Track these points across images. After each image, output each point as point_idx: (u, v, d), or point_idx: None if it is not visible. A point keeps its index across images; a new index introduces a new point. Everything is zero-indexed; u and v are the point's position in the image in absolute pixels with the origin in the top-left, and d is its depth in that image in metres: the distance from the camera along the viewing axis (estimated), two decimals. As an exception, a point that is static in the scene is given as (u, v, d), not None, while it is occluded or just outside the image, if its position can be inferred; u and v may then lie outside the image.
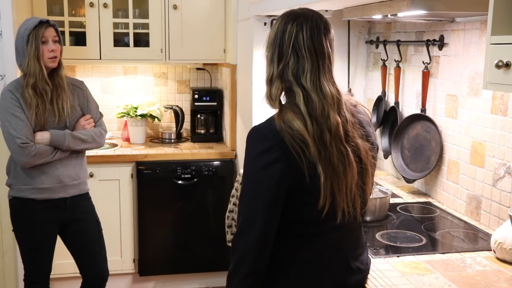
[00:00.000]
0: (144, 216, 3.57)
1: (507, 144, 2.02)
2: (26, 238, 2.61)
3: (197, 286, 3.79)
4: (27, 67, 2.44)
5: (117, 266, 3.51)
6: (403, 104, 2.77)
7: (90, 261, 2.72)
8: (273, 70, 1.47)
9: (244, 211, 1.44)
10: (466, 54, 2.26)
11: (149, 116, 3.82)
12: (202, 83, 4.17)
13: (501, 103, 2.05)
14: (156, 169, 3.53)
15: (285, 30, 1.45)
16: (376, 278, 1.64)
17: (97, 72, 3.99)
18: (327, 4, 2.24)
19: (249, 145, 1.45)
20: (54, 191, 2.55)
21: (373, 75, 3.14)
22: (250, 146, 1.45)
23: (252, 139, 1.45)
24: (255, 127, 1.46)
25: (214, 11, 3.72)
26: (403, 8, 1.84)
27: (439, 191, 2.47)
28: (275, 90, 1.46)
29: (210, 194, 3.66)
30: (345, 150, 1.43)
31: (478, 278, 1.66)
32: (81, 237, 2.69)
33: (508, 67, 1.28)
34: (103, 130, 2.70)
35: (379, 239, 1.99)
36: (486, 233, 2.05)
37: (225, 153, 3.66)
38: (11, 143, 2.44)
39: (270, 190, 1.40)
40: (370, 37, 3.16)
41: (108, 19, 3.60)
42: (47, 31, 2.46)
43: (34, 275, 2.65)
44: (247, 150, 1.45)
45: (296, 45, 1.43)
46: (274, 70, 1.46)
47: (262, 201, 1.41)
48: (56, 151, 2.51)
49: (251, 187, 1.44)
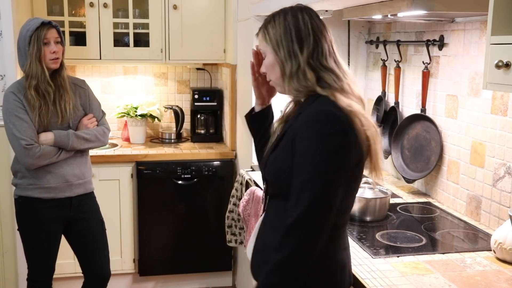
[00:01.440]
0: (144, 216, 3.57)
1: (507, 144, 2.02)
2: (31, 238, 2.61)
3: (197, 286, 3.79)
4: (29, 68, 2.44)
5: (117, 266, 3.51)
6: (403, 104, 2.77)
7: (93, 261, 2.72)
8: (298, 61, 1.46)
9: (317, 196, 1.36)
10: (466, 54, 2.26)
11: (149, 116, 3.82)
12: (202, 83, 4.17)
13: (501, 103, 2.05)
14: (156, 169, 3.54)
15: (298, 19, 1.48)
16: (376, 278, 1.64)
17: (97, 72, 3.99)
18: (327, 4, 2.24)
19: (321, 126, 1.38)
20: (60, 190, 2.56)
21: (373, 75, 3.14)
22: (322, 127, 1.38)
23: (329, 123, 1.38)
24: (327, 109, 1.40)
25: (214, 11, 3.72)
26: (403, 8, 1.84)
27: (439, 191, 2.47)
28: (311, 78, 1.45)
29: (210, 194, 3.66)
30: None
31: (478, 278, 1.66)
32: (85, 236, 2.69)
33: (508, 67, 1.28)
34: (106, 128, 2.70)
35: (379, 239, 1.99)
36: (486, 233, 2.04)
37: (225, 153, 3.66)
38: (15, 145, 2.45)
39: (343, 175, 1.39)
40: (370, 37, 3.16)
41: (108, 19, 3.60)
42: (49, 32, 2.46)
43: (37, 275, 2.66)
44: (315, 132, 1.38)
45: (315, 31, 1.48)
46: (300, 61, 1.46)
47: (336, 185, 1.38)
48: (61, 151, 2.52)
49: (329, 172, 1.37)
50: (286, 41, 1.48)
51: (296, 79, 1.48)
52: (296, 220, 1.36)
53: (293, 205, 1.38)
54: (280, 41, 1.49)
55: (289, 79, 1.49)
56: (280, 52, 1.49)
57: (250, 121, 1.78)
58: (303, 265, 1.38)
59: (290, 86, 1.50)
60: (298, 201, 1.37)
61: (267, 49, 1.53)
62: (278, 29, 1.49)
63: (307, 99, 1.50)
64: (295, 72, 1.47)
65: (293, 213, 1.37)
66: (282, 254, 1.38)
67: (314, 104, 1.45)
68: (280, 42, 1.49)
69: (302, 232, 1.37)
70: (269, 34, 1.51)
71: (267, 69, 1.56)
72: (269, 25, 1.52)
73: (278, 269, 1.39)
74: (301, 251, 1.38)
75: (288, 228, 1.37)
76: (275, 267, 1.40)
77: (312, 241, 1.38)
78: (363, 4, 2.15)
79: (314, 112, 1.41)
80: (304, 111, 1.46)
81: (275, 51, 1.50)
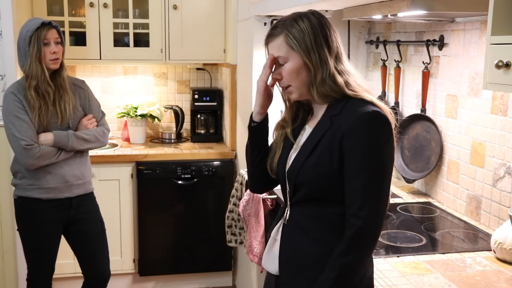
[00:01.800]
0: (144, 216, 3.57)
1: (507, 144, 2.02)
2: (31, 238, 2.61)
3: (197, 286, 3.79)
4: (29, 68, 2.44)
5: (117, 266, 3.51)
6: (403, 104, 2.77)
7: (92, 261, 2.72)
8: (329, 67, 1.47)
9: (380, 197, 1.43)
10: (466, 54, 2.26)
11: (149, 116, 3.82)
12: (202, 83, 4.17)
13: (501, 103, 2.05)
14: (156, 169, 3.53)
15: (322, 24, 1.49)
16: (376, 278, 1.64)
17: (97, 72, 3.99)
18: (327, 4, 2.24)
19: (374, 128, 1.42)
20: (60, 190, 2.56)
21: (373, 75, 3.14)
22: (375, 128, 1.42)
23: (381, 122, 1.43)
24: (376, 110, 1.43)
25: (214, 11, 3.72)
26: (403, 8, 1.84)
27: (439, 191, 2.47)
28: (340, 83, 1.47)
29: (210, 194, 3.66)
30: None
31: (478, 278, 1.66)
32: (85, 236, 2.69)
33: (508, 67, 1.28)
34: (105, 129, 2.70)
35: (379, 239, 1.99)
36: (486, 233, 2.05)
37: (225, 153, 3.66)
38: (15, 145, 2.45)
39: (391, 174, 1.47)
40: (370, 37, 3.16)
41: (108, 19, 3.60)
42: (49, 33, 2.46)
43: (37, 275, 2.65)
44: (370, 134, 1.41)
45: (336, 35, 1.51)
46: (330, 66, 1.47)
47: (389, 185, 1.46)
48: (60, 151, 2.52)
49: (386, 170, 1.44)
50: (317, 46, 1.46)
51: (327, 85, 1.47)
52: (364, 223, 1.40)
53: (356, 208, 1.41)
54: (311, 46, 1.46)
55: (320, 85, 1.47)
56: (311, 57, 1.46)
57: (254, 133, 1.69)
58: (366, 264, 1.47)
59: (319, 92, 1.48)
60: (363, 204, 1.40)
61: (291, 53, 1.48)
62: (306, 34, 1.46)
63: (335, 102, 1.49)
64: (327, 77, 1.47)
65: (359, 214, 1.40)
66: (352, 256, 1.41)
67: (352, 105, 1.45)
68: (311, 47, 1.46)
69: (371, 233, 1.42)
70: (296, 39, 1.47)
71: (289, 75, 1.50)
72: (293, 30, 1.47)
73: (349, 271, 1.43)
74: (369, 251, 1.45)
75: (358, 231, 1.40)
76: (345, 269, 1.42)
77: (376, 241, 1.46)
78: (363, 4, 2.15)
79: (362, 113, 1.42)
80: (339, 113, 1.46)
81: (306, 56, 1.47)
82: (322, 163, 1.46)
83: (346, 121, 1.43)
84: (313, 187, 1.49)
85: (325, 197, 1.48)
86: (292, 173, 1.53)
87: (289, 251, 1.56)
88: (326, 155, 1.45)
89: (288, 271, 1.56)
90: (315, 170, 1.47)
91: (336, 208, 1.47)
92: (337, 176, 1.44)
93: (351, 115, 1.43)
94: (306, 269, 1.50)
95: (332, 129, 1.45)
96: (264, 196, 2.51)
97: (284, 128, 1.62)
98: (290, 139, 1.59)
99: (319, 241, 1.49)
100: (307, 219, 1.52)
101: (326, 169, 1.45)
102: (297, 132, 1.60)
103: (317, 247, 1.49)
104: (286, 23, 1.49)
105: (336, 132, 1.44)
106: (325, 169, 1.45)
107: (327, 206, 1.48)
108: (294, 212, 1.56)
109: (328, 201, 1.48)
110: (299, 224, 1.54)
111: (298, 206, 1.55)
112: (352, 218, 1.41)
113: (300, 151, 1.53)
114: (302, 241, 1.52)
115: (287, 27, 1.48)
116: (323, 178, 1.46)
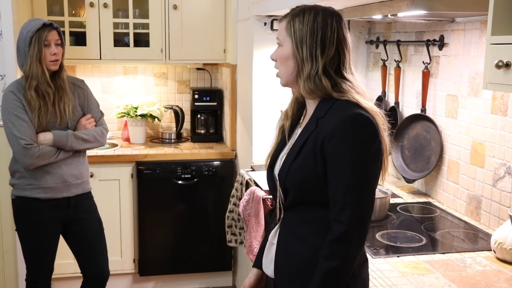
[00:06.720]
0: (144, 216, 3.57)
1: (507, 144, 2.02)
2: (30, 238, 2.61)
3: (197, 286, 3.79)
4: (29, 69, 2.44)
5: (117, 266, 3.51)
6: (403, 104, 2.77)
7: (91, 261, 2.72)
8: (317, 66, 1.45)
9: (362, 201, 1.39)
10: (466, 54, 2.26)
11: (149, 116, 3.82)
12: (202, 83, 4.17)
13: (501, 103, 2.05)
14: (156, 169, 3.54)
15: (327, 24, 1.46)
16: (376, 278, 1.64)
17: (97, 72, 3.99)
18: (327, 4, 2.24)
19: (355, 131, 1.39)
20: (58, 190, 2.56)
21: (373, 75, 3.14)
22: (357, 131, 1.39)
23: (362, 125, 1.40)
24: (358, 112, 1.40)
25: (214, 11, 3.72)
26: (403, 8, 1.83)
27: (439, 191, 2.47)
28: (326, 85, 1.45)
29: (210, 194, 3.66)
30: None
31: (478, 278, 1.66)
32: (83, 236, 2.69)
33: (508, 67, 1.28)
34: (104, 129, 2.70)
35: (379, 239, 1.99)
36: (486, 233, 2.04)
37: (225, 153, 3.66)
38: (14, 144, 2.45)
39: (378, 175, 1.44)
40: (370, 37, 3.16)
41: (108, 19, 3.60)
42: (50, 34, 2.46)
43: (36, 275, 2.66)
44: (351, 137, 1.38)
45: (340, 40, 1.47)
46: (319, 66, 1.45)
47: (374, 188, 1.42)
48: (59, 151, 2.52)
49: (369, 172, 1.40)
50: (310, 41, 1.45)
51: (313, 82, 1.46)
52: (346, 226, 1.37)
53: (338, 212, 1.38)
54: (304, 39, 1.45)
55: (306, 80, 1.47)
56: (301, 50, 1.46)
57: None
58: (353, 268, 1.42)
59: (305, 86, 1.47)
60: (344, 207, 1.37)
61: (286, 40, 1.49)
62: (306, 27, 1.46)
63: (322, 102, 1.48)
64: (313, 75, 1.45)
65: (341, 219, 1.37)
66: (336, 261, 1.39)
67: (336, 108, 1.43)
68: (304, 40, 1.45)
69: (354, 237, 1.38)
70: (294, 27, 1.47)
71: (279, 59, 1.52)
72: (297, 19, 1.47)
73: (334, 275, 1.40)
74: (354, 255, 1.40)
75: (340, 235, 1.37)
76: (330, 274, 1.39)
77: (362, 244, 1.42)
78: (363, 4, 2.15)
79: (344, 116, 1.40)
80: (324, 115, 1.44)
81: (296, 47, 1.47)
82: (307, 167, 1.44)
83: (328, 124, 1.41)
84: (300, 192, 1.48)
85: (315, 200, 1.46)
86: (281, 176, 1.52)
87: (284, 255, 1.55)
88: (310, 158, 1.43)
89: (283, 276, 1.55)
90: (300, 175, 1.46)
91: (328, 211, 1.43)
92: (322, 179, 1.42)
93: (333, 118, 1.41)
94: (299, 275, 1.48)
95: (316, 132, 1.44)
96: (264, 196, 2.51)
97: (286, 119, 1.62)
98: (285, 134, 1.59)
99: (311, 245, 1.46)
100: (300, 223, 1.51)
101: (310, 173, 1.43)
102: (293, 129, 1.59)
103: (309, 251, 1.47)
104: (296, 10, 1.50)
105: (319, 135, 1.42)
106: (309, 173, 1.44)
107: (318, 209, 1.46)
108: (288, 216, 1.55)
109: (319, 204, 1.46)
110: (293, 228, 1.53)
111: (291, 210, 1.54)
112: (334, 222, 1.39)
113: (289, 153, 1.53)
114: (295, 245, 1.51)
115: (294, 14, 1.49)
116: (308, 182, 1.45)
